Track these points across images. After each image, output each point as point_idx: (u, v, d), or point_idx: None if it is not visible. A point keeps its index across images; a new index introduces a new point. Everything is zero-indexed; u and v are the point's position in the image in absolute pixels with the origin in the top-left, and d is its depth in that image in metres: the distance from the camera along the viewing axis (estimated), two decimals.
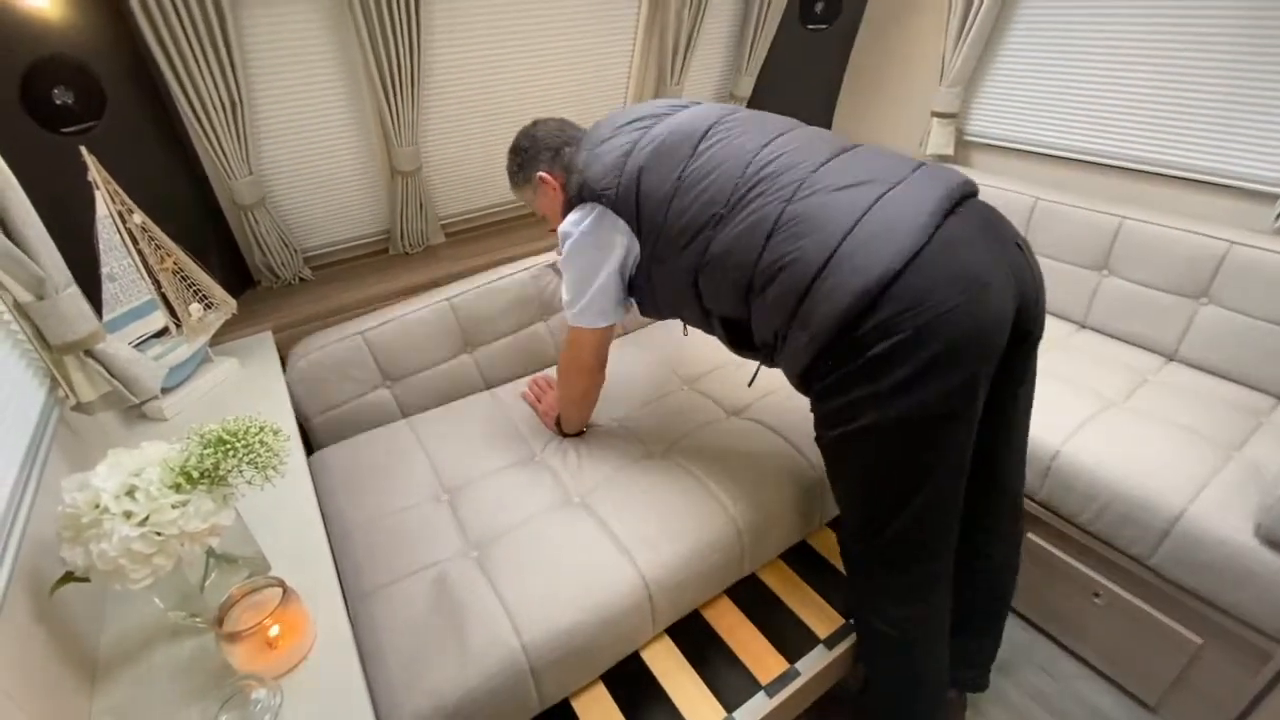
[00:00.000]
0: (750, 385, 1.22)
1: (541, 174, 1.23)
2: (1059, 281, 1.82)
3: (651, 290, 1.15)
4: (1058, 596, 1.46)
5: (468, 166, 2.01)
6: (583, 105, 2.09)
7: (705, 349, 1.67)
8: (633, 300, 1.22)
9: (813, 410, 1.00)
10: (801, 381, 0.99)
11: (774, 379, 1.14)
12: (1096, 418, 1.42)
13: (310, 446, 1.50)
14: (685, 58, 2.08)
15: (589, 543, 1.16)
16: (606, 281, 1.14)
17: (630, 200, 1.06)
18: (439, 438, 1.46)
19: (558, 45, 1.90)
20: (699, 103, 1.18)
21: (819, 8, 2.29)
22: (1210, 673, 1.25)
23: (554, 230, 1.22)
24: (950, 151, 2.13)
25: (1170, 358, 1.65)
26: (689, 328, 1.25)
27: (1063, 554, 1.42)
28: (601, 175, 1.09)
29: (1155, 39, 1.67)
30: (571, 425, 1.42)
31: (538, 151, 1.24)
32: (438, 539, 1.21)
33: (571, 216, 1.14)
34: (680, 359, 1.69)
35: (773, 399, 1.51)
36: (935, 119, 2.11)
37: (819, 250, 0.87)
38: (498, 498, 1.28)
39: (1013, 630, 1.54)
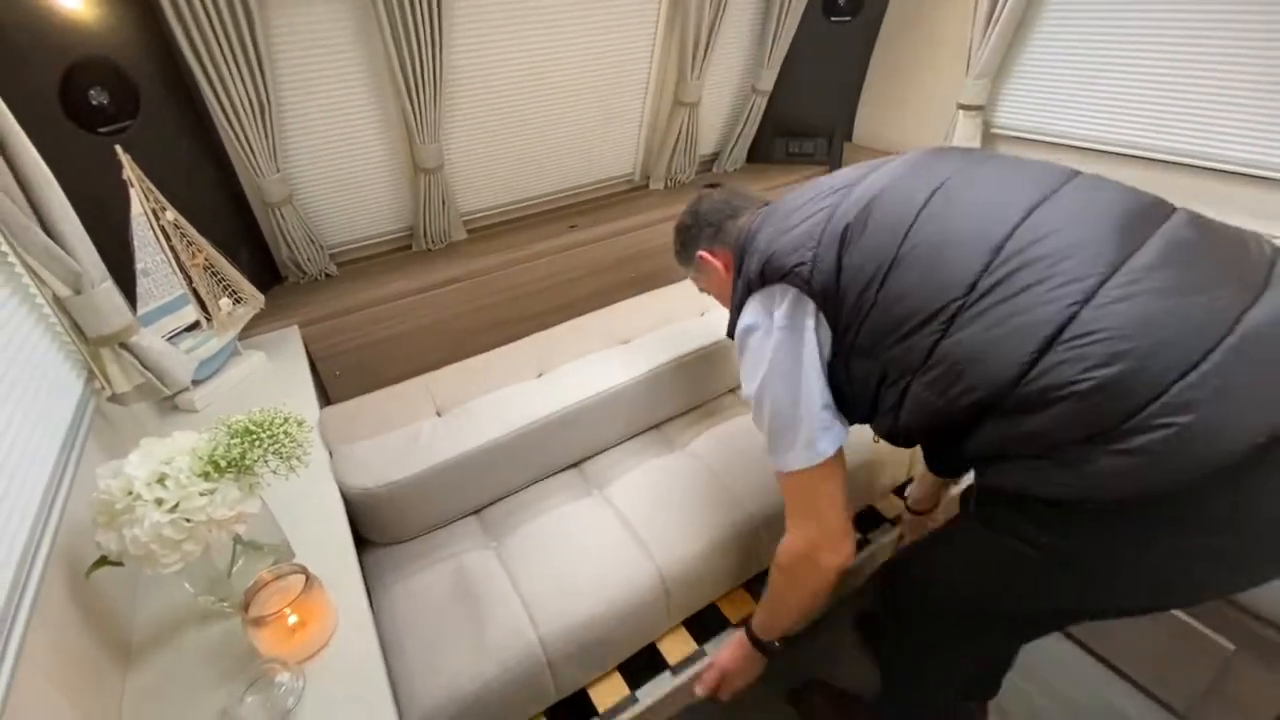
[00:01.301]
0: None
1: (701, 253, 1.08)
2: None
3: (849, 388, 0.87)
4: None
5: (489, 163, 2.03)
6: (603, 102, 2.09)
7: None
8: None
9: (986, 504, 0.81)
10: (1016, 500, 0.75)
11: None
12: None
13: None
14: (706, 52, 2.07)
15: (607, 536, 1.17)
16: (819, 394, 0.85)
17: (829, 273, 0.81)
18: None
19: (578, 42, 1.90)
20: (902, 154, 0.91)
21: (843, 0, 2.26)
22: (1243, 681, 1.21)
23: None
24: (977, 144, 2.09)
25: None
26: None
27: None
28: (792, 247, 0.85)
29: (1196, 22, 1.61)
30: (790, 621, 1.04)
31: (700, 229, 1.10)
32: (456, 529, 1.23)
33: (753, 308, 0.90)
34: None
35: None
36: (961, 111, 2.06)
37: (1141, 383, 0.61)
38: (518, 491, 1.30)
39: (1045, 640, 1.51)
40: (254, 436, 0.79)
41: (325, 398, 1.75)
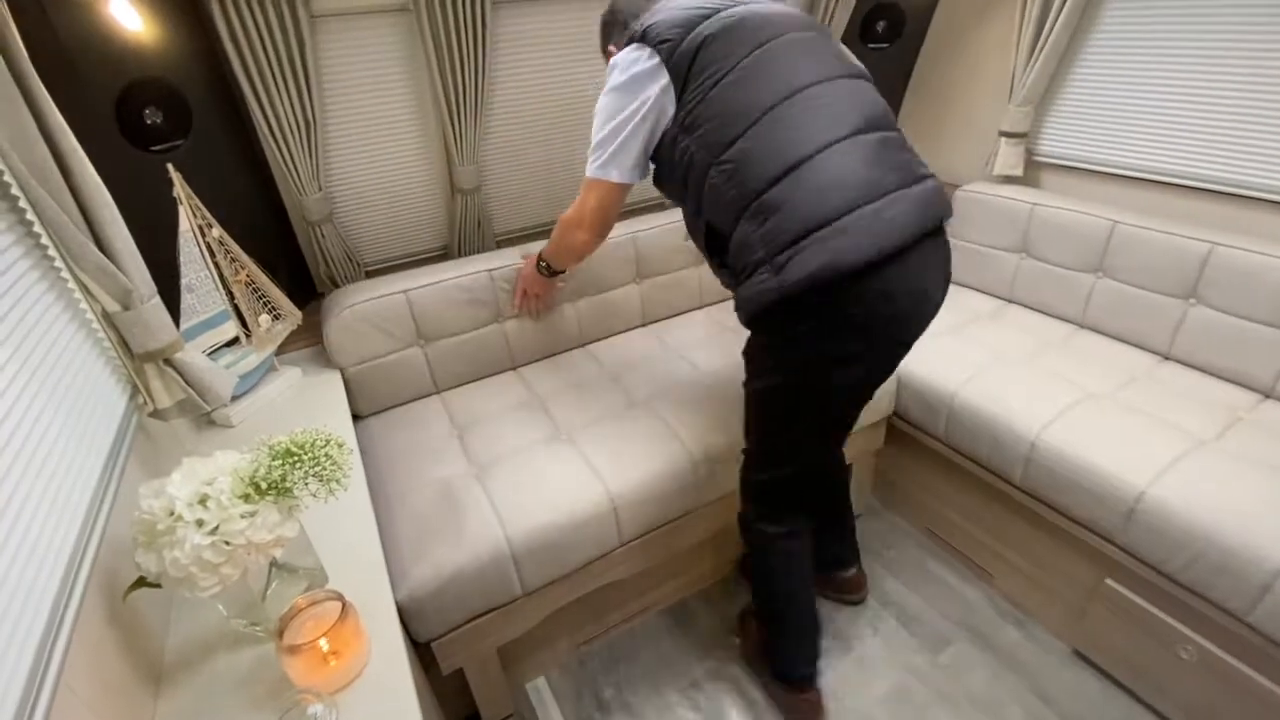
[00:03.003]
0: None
1: (611, 48, 1.25)
2: (1140, 310, 1.71)
3: (671, 162, 1.12)
4: (1139, 649, 1.35)
5: (524, 184, 2.04)
6: None
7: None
8: (651, 166, 1.19)
9: (753, 349, 1.14)
10: (751, 318, 1.06)
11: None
12: (1186, 457, 1.32)
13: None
14: None
15: (569, 466, 1.38)
16: (636, 131, 1.11)
17: (685, 60, 1.05)
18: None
19: None
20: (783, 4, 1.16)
21: (880, 26, 2.25)
22: None
23: None
24: (1019, 173, 2.05)
25: (1268, 394, 1.53)
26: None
27: (1145, 603, 1.32)
28: (667, 26, 1.07)
29: (1244, 51, 1.57)
30: (557, 262, 1.53)
31: (614, 26, 1.26)
32: (444, 455, 1.45)
33: (630, 51, 1.11)
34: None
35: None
36: (1003, 139, 2.03)
37: (827, 208, 0.93)
38: (500, 434, 1.52)
39: (1089, 684, 1.44)
40: (295, 458, 0.78)
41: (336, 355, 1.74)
